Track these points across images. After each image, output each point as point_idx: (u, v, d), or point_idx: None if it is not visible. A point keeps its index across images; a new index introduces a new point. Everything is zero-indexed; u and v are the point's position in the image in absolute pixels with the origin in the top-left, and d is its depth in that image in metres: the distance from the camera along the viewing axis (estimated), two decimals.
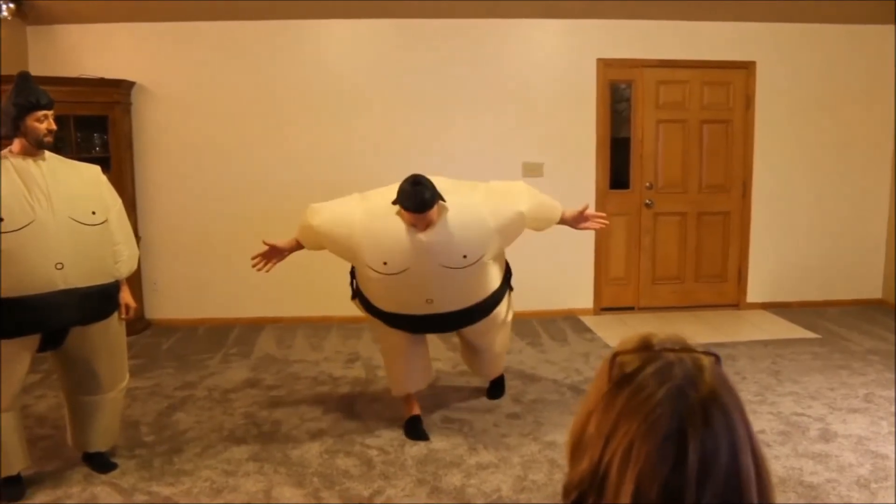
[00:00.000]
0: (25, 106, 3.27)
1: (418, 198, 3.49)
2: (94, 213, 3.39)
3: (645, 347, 0.96)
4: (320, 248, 3.97)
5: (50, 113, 3.31)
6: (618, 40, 6.28)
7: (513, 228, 3.81)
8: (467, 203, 3.71)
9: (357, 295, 4.14)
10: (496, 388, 4.56)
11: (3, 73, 5.48)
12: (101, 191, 3.53)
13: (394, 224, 3.64)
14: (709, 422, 0.87)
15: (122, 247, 3.52)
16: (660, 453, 0.85)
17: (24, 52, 5.98)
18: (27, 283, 3.16)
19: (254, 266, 4.06)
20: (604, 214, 4.11)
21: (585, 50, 6.28)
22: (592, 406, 0.94)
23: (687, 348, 0.96)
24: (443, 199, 3.60)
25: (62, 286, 3.23)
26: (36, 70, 5.97)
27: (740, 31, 6.33)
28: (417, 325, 3.92)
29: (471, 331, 4.12)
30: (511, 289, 4.28)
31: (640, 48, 6.29)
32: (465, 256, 3.64)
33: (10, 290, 3.14)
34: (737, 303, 6.73)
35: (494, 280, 3.92)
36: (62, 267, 3.23)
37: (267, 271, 4.08)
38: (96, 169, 3.59)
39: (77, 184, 3.43)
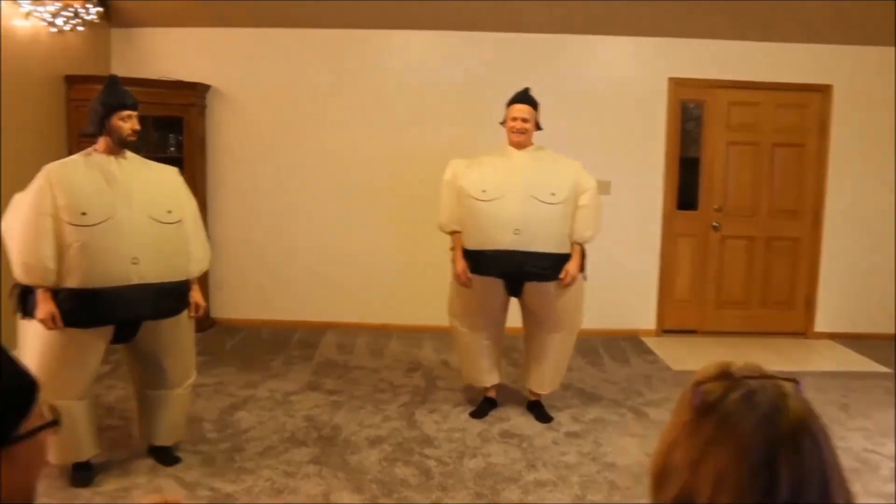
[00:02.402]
0: (112, 105, 3.40)
1: (523, 91, 4.29)
2: (170, 212, 3.48)
3: (725, 375, 0.96)
4: (461, 218, 4.27)
5: (134, 114, 3.44)
6: (690, 59, 6.21)
7: (583, 196, 4.21)
8: (562, 157, 4.34)
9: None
10: (543, 412, 4.51)
11: (88, 73, 5.67)
12: (178, 191, 3.63)
13: (494, 159, 4.30)
14: (798, 449, 0.88)
15: (195, 246, 3.60)
16: (751, 481, 0.86)
17: (107, 53, 6.17)
18: (103, 276, 3.27)
19: (465, 286, 4.28)
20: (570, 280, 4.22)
21: (657, 68, 6.22)
22: (675, 435, 0.94)
23: (768, 375, 0.96)
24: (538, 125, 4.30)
25: (136, 281, 3.33)
26: (117, 71, 6.14)
27: (817, 54, 6.20)
28: (502, 263, 4.10)
29: (541, 299, 4.22)
30: (584, 278, 4.36)
31: (713, 68, 6.21)
32: (553, 194, 4.09)
33: (87, 281, 3.24)
34: (804, 331, 6.57)
35: (567, 243, 4.19)
36: (137, 262, 3.32)
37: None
38: (174, 170, 3.70)
39: (155, 183, 3.54)
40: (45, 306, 3.22)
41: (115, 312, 3.34)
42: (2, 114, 4.78)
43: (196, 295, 3.66)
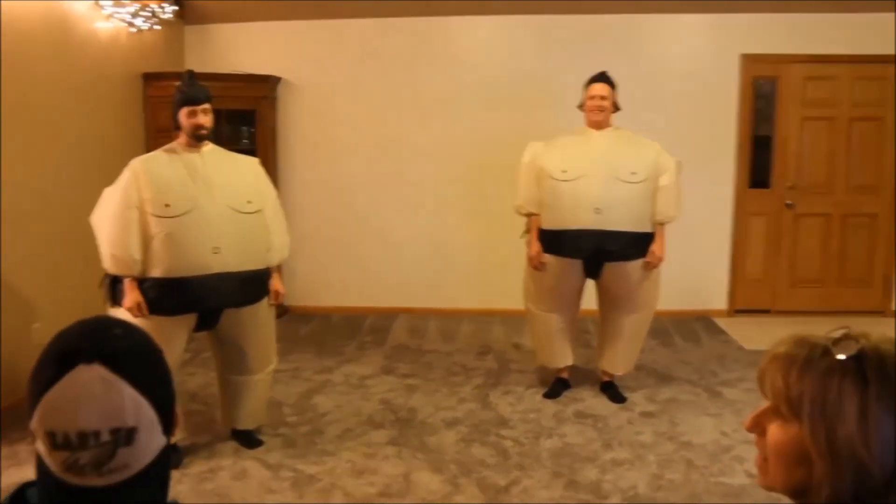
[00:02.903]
0: (178, 101, 3.52)
1: (601, 72, 4.32)
2: (249, 202, 3.58)
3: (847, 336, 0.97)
4: (538, 198, 4.28)
5: (200, 108, 3.50)
6: (762, 34, 6.08)
7: (664, 176, 4.23)
8: (642, 137, 4.36)
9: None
10: (617, 393, 4.52)
11: (164, 70, 5.85)
12: (259, 182, 3.73)
13: (573, 139, 4.32)
14: None
15: (275, 235, 3.70)
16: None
17: (181, 50, 6.35)
18: (186, 265, 3.40)
19: (538, 269, 4.34)
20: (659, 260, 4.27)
21: (728, 45, 6.11)
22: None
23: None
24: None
25: (218, 270, 3.44)
26: (192, 66, 6.32)
27: (894, 23, 6.00)
28: (582, 242, 4.13)
29: (620, 280, 4.24)
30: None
31: (787, 42, 6.07)
32: (634, 173, 4.11)
33: (171, 271, 3.37)
34: (882, 309, 6.39)
35: (649, 223, 4.21)
36: (219, 251, 3.44)
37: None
38: (255, 161, 3.82)
39: (235, 174, 3.64)
40: (131, 295, 3.37)
41: (198, 301, 3.47)
42: (87, 111, 4.98)
43: (276, 283, 3.77)
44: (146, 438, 1.01)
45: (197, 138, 3.54)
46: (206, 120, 3.53)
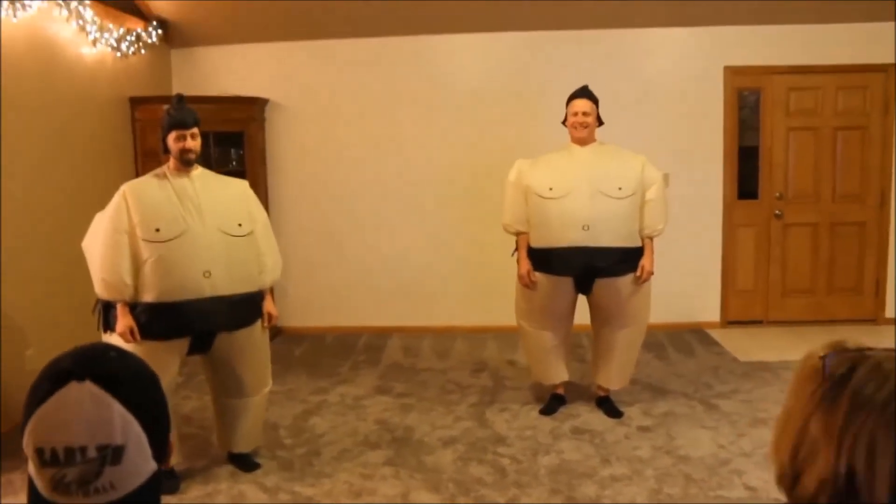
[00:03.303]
0: (167, 125, 3.53)
1: (582, 87, 4.32)
2: (240, 224, 3.58)
3: (844, 350, 0.98)
4: (525, 216, 4.31)
5: (189, 132, 3.50)
6: (746, 47, 6.14)
7: (650, 190, 4.24)
8: (626, 151, 4.38)
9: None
10: (613, 408, 4.51)
11: (151, 94, 5.85)
12: (248, 203, 3.72)
13: (558, 156, 4.33)
14: None
15: (266, 258, 3.69)
16: None
17: (168, 73, 6.35)
18: (177, 289, 3.38)
19: (529, 287, 4.33)
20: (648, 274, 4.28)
21: (712, 57, 6.16)
22: (808, 410, 0.95)
23: (878, 348, 0.98)
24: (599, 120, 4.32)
25: (209, 293, 3.43)
26: (178, 89, 6.33)
27: (876, 33, 6.05)
28: (572, 260, 4.14)
29: (611, 295, 4.24)
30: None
31: (770, 54, 6.13)
32: (620, 188, 4.11)
33: (162, 295, 3.36)
34: (874, 317, 6.43)
35: (637, 237, 4.22)
36: (209, 275, 3.42)
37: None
38: (244, 183, 3.81)
39: (225, 197, 3.64)
40: (123, 320, 3.36)
41: (190, 325, 3.45)
42: (73, 136, 4.97)
43: (269, 305, 3.76)
44: (134, 459, 1.01)
45: (185, 162, 3.53)
46: (194, 144, 3.53)
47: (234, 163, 6.21)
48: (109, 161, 5.40)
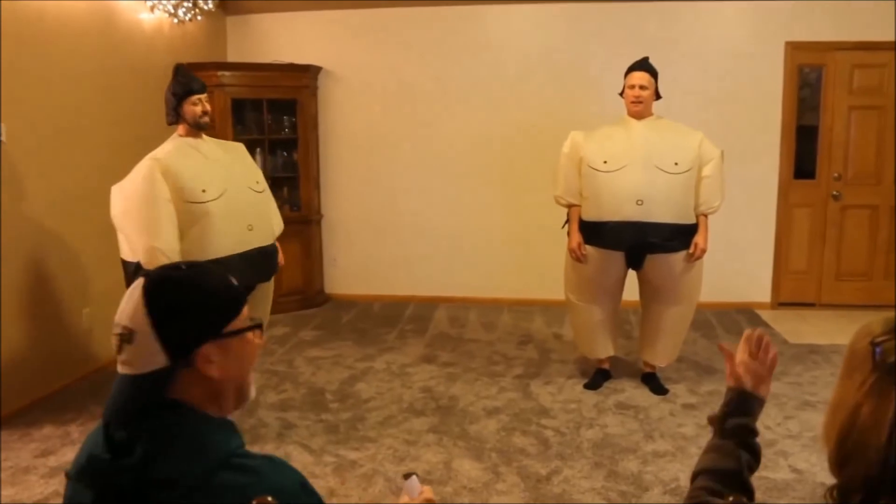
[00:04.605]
0: (181, 93, 3.61)
1: (642, 59, 4.26)
2: (258, 182, 3.80)
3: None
4: (578, 189, 4.26)
5: (203, 97, 3.64)
6: (809, 21, 5.96)
7: (707, 166, 4.17)
8: (684, 126, 4.32)
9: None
10: (658, 385, 4.48)
11: (207, 60, 5.91)
12: (254, 164, 3.96)
13: (614, 129, 4.25)
14: None
15: (272, 212, 3.91)
16: None
17: (223, 40, 6.41)
18: (229, 245, 3.53)
19: (579, 260, 4.31)
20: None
21: (772, 32, 6.01)
22: (858, 397, 0.93)
23: None
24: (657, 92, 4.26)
25: (256, 245, 3.64)
26: (233, 56, 6.42)
27: None
28: (624, 234, 4.08)
29: (663, 271, 4.21)
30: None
31: (834, 30, 5.95)
32: (676, 164, 4.05)
33: (213, 253, 3.46)
34: None
35: (692, 214, 4.16)
36: (252, 228, 3.62)
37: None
38: (243, 146, 3.97)
39: (238, 158, 3.83)
40: None
41: (243, 280, 3.55)
42: (131, 103, 5.06)
43: (281, 256, 3.95)
44: (142, 344, 1.17)
45: (199, 127, 3.65)
46: (209, 108, 3.69)
47: (286, 130, 6.27)
48: (164, 129, 5.47)
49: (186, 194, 3.44)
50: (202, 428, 1.19)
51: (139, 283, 1.21)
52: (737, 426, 1.26)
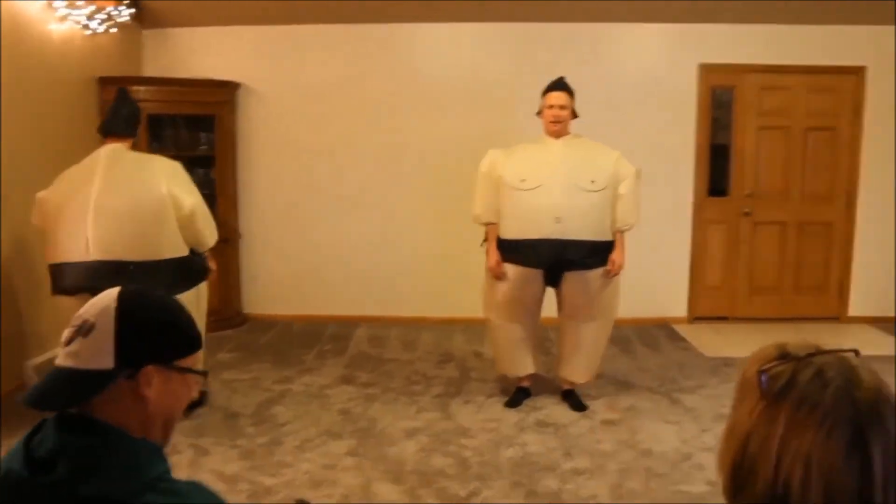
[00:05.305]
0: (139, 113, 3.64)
1: (559, 79, 4.33)
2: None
3: (786, 356, 0.94)
4: (496, 208, 4.29)
5: None
6: (720, 45, 6.15)
7: (623, 184, 4.24)
8: (600, 145, 4.38)
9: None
10: (578, 401, 4.51)
11: (121, 74, 5.74)
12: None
13: (532, 148, 4.32)
14: (882, 419, 0.86)
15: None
16: (844, 461, 0.84)
17: (139, 54, 6.24)
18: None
19: (498, 278, 4.31)
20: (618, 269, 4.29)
21: (686, 55, 6.17)
22: (748, 425, 0.92)
23: (827, 350, 0.94)
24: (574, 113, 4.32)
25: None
26: (149, 71, 6.25)
27: (849, 35, 6.10)
28: (542, 251, 4.12)
29: (580, 288, 4.24)
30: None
31: (744, 53, 6.15)
32: (593, 181, 4.11)
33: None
34: (837, 315, 6.50)
35: (608, 231, 4.23)
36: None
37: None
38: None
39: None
40: None
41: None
42: (39, 115, 4.86)
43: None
44: (97, 340, 1.19)
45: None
46: None
47: (204, 146, 6.13)
48: (75, 140, 5.29)
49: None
50: (132, 448, 1.19)
51: (117, 288, 1.26)
52: None
